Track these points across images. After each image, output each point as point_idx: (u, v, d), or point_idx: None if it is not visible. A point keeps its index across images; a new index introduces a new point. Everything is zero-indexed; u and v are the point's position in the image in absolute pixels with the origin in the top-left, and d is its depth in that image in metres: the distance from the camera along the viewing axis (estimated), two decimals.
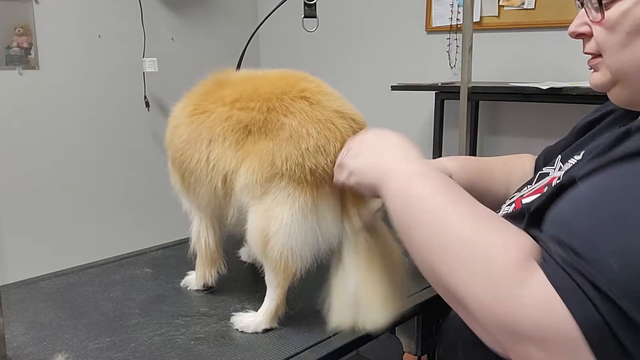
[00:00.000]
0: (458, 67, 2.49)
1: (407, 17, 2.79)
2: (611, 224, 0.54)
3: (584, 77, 2.25)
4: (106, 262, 1.24)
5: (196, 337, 0.90)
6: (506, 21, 2.51)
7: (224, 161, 0.91)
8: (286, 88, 0.90)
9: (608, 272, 0.52)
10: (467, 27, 1.91)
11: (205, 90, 0.99)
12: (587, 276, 0.53)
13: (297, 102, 0.88)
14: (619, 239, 0.53)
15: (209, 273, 1.06)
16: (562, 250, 0.55)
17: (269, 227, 0.88)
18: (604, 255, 0.53)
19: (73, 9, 2.58)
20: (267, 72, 0.99)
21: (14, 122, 2.44)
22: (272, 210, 0.87)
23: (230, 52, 3.20)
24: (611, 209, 0.55)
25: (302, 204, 0.86)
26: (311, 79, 0.94)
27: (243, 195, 0.90)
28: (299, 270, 0.90)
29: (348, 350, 0.89)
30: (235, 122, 0.90)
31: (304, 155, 0.85)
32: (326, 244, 0.89)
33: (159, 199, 2.86)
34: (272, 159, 0.86)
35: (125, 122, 2.81)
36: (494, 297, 0.56)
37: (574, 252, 0.54)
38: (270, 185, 0.87)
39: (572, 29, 0.74)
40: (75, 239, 2.66)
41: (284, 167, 0.85)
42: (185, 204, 1.07)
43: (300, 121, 0.86)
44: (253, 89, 0.93)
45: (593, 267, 0.53)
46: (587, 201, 0.58)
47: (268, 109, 0.88)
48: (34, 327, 0.94)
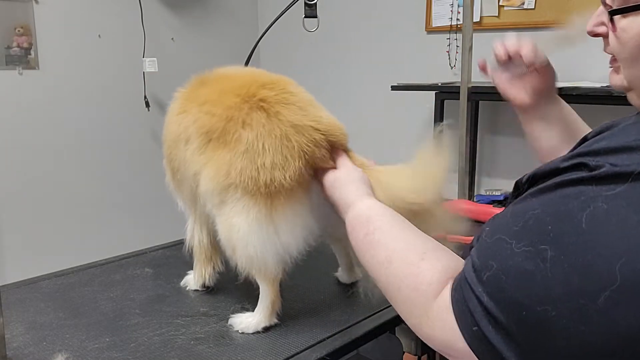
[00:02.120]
0: (458, 67, 2.49)
1: (407, 17, 2.79)
2: (503, 245, 0.57)
3: (584, 77, 2.26)
4: (106, 262, 1.24)
5: (196, 337, 0.90)
6: (506, 21, 2.51)
7: (193, 163, 0.92)
8: (246, 97, 0.89)
9: (483, 280, 0.57)
10: (467, 27, 1.91)
11: (189, 89, 1.00)
12: (470, 283, 0.58)
13: (254, 113, 0.87)
14: (499, 256, 0.56)
15: (207, 272, 1.06)
16: (467, 266, 0.60)
17: (231, 237, 0.89)
18: (486, 267, 0.57)
19: (73, 9, 2.57)
20: (239, 73, 0.99)
21: (14, 122, 2.44)
22: (231, 220, 0.88)
23: (230, 52, 3.20)
24: (506, 233, 0.57)
25: (257, 214, 0.86)
26: (275, 84, 0.92)
27: (206, 202, 0.92)
28: (270, 274, 0.90)
29: (348, 350, 0.89)
30: (199, 126, 0.91)
31: (259, 170, 0.85)
32: (287, 252, 0.89)
33: (159, 199, 2.85)
34: (227, 169, 0.86)
35: (125, 122, 2.81)
36: (412, 316, 0.66)
37: (473, 268, 0.59)
38: (227, 194, 0.87)
39: (589, 27, 0.73)
40: (75, 239, 2.66)
41: (237, 179, 0.85)
42: (179, 202, 1.08)
43: (257, 135, 0.86)
44: (219, 93, 0.92)
45: (477, 276, 0.57)
46: (502, 219, 0.61)
47: (227, 118, 0.88)
48: (34, 327, 0.94)
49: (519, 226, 0.56)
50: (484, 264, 0.57)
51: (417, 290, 0.65)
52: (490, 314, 0.55)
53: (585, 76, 2.26)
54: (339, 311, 0.99)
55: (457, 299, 0.59)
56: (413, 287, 0.65)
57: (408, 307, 0.67)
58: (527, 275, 0.53)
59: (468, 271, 0.59)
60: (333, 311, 0.99)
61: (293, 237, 0.88)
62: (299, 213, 0.88)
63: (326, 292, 1.07)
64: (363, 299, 0.89)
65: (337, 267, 1.12)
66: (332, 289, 1.09)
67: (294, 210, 0.88)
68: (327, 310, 0.99)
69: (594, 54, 2.47)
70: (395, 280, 0.69)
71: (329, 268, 1.13)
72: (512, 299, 0.54)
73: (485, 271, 0.57)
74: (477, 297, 0.57)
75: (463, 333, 0.58)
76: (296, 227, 0.88)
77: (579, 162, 0.56)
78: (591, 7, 0.74)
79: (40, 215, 2.56)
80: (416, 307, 0.65)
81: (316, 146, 0.87)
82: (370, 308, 0.99)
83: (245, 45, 3.34)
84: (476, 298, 0.57)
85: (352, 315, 0.97)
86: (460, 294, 0.59)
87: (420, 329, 0.64)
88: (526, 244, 0.54)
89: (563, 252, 0.52)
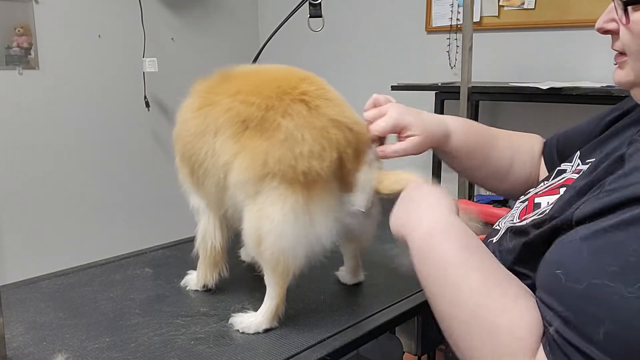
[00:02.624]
0: (458, 67, 2.49)
1: (407, 17, 2.79)
2: (602, 290, 0.51)
3: (584, 77, 2.26)
4: (106, 262, 1.24)
5: (196, 337, 0.90)
6: (506, 21, 2.51)
7: (225, 153, 0.91)
8: (287, 88, 0.90)
9: (595, 339, 0.51)
10: (467, 27, 1.91)
11: (211, 84, 0.99)
12: (578, 346, 0.52)
13: (296, 105, 0.88)
14: (606, 305, 0.51)
15: (211, 275, 1.05)
16: (556, 321, 0.55)
17: (262, 227, 0.87)
18: (592, 322, 0.51)
19: (73, 9, 2.58)
20: (271, 68, 0.99)
21: (14, 122, 2.44)
22: (264, 210, 0.87)
23: (230, 52, 3.20)
24: (601, 275, 0.52)
25: (294, 204, 0.85)
26: (313, 80, 0.94)
27: (237, 192, 0.90)
28: (294, 269, 0.90)
29: (348, 350, 0.89)
30: (235, 114, 0.90)
31: (297, 159, 0.84)
32: (319, 244, 0.88)
33: (159, 199, 2.86)
34: (264, 158, 0.85)
35: (125, 122, 2.81)
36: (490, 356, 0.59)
37: (565, 322, 0.54)
38: (262, 184, 0.86)
39: (599, 24, 0.72)
40: (75, 239, 2.66)
41: (275, 168, 0.85)
42: (193, 201, 1.06)
43: (297, 125, 0.86)
44: (255, 84, 0.93)
45: (581, 336, 0.52)
46: (577, 258, 0.55)
47: (267, 107, 0.88)
48: (34, 327, 0.94)
49: (617, 266, 0.50)
50: (588, 317, 0.51)
51: (511, 334, 0.58)
52: None
53: (585, 76, 2.26)
54: (339, 311, 0.99)
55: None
56: (507, 327, 0.59)
57: (494, 352, 0.59)
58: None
59: (561, 329, 0.54)
60: (333, 311, 0.99)
61: (326, 228, 0.88)
62: (333, 205, 0.88)
63: (326, 292, 1.07)
64: (369, 296, 0.89)
65: (337, 267, 1.12)
66: (332, 289, 1.09)
67: (329, 202, 0.88)
68: (327, 311, 0.99)
69: (594, 54, 2.48)
70: (485, 313, 0.61)
71: (330, 268, 1.12)
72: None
73: (594, 326, 0.50)
74: (589, 356, 0.51)
75: None
76: (329, 219, 0.88)
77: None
78: (591, 7, 0.74)
79: (40, 215, 2.57)
80: (507, 355, 0.58)
81: (348, 144, 0.89)
82: (371, 308, 0.99)
83: (245, 45, 3.35)
84: (586, 357, 0.51)
85: (352, 316, 0.97)
86: (561, 355, 0.53)
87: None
88: (636, 280, 0.48)
89: None
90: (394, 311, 0.99)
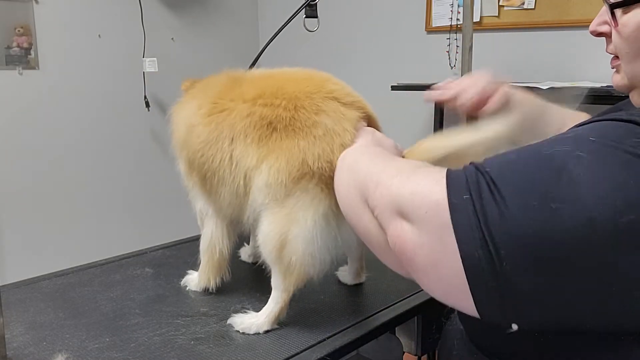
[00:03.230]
0: (458, 67, 2.49)
1: (407, 17, 2.79)
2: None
3: (584, 77, 2.26)
4: (106, 262, 1.24)
5: (196, 337, 0.90)
6: (506, 21, 2.51)
7: (246, 158, 0.89)
8: (314, 88, 0.89)
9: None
10: (467, 27, 1.91)
11: (221, 88, 0.97)
12: (481, 170, 0.56)
13: (328, 102, 0.88)
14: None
15: (214, 279, 1.05)
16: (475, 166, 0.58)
17: (288, 232, 0.85)
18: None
19: (73, 9, 2.58)
20: (286, 71, 0.98)
21: (14, 122, 2.44)
22: (294, 214, 0.85)
23: (230, 52, 3.20)
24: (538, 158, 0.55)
25: (327, 208, 0.84)
26: (336, 81, 0.94)
27: (261, 195, 0.88)
28: (316, 274, 0.89)
29: (348, 350, 0.89)
30: (258, 118, 0.88)
31: (334, 152, 0.84)
32: (345, 246, 0.88)
33: (159, 199, 2.86)
34: (303, 157, 0.84)
35: (125, 122, 2.81)
36: (392, 180, 0.64)
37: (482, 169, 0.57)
38: (297, 186, 0.85)
39: (592, 27, 0.73)
40: (75, 239, 2.66)
41: (315, 166, 0.83)
42: (200, 207, 1.04)
43: (335, 120, 0.86)
44: (276, 87, 0.91)
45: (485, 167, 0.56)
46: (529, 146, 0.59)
47: (296, 107, 0.87)
48: (34, 327, 0.94)
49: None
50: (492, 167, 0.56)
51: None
52: (495, 186, 0.54)
53: (585, 76, 2.26)
54: (339, 311, 0.99)
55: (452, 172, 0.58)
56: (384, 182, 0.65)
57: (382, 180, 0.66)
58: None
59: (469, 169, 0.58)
60: (333, 311, 0.99)
61: (352, 235, 0.86)
62: None
63: (326, 292, 1.07)
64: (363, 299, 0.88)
65: (337, 267, 1.12)
66: (332, 289, 1.09)
67: None
68: (327, 311, 0.99)
69: (594, 54, 2.47)
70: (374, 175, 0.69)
71: (329, 268, 1.12)
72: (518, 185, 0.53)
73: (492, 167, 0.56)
74: (481, 172, 0.56)
75: (449, 189, 0.56)
76: None
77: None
78: (591, 7, 0.74)
79: (40, 215, 2.56)
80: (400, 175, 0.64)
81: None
82: (371, 308, 0.99)
83: (245, 46, 3.35)
84: (479, 172, 0.56)
85: (352, 316, 0.97)
86: (457, 172, 0.58)
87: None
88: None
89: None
90: (394, 311, 0.99)
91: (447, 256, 0.55)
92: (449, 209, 0.55)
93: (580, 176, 0.51)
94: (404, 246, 0.60)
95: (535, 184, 0.53)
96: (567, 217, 0.50)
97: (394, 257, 0.64)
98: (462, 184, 0.56)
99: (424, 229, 0.57)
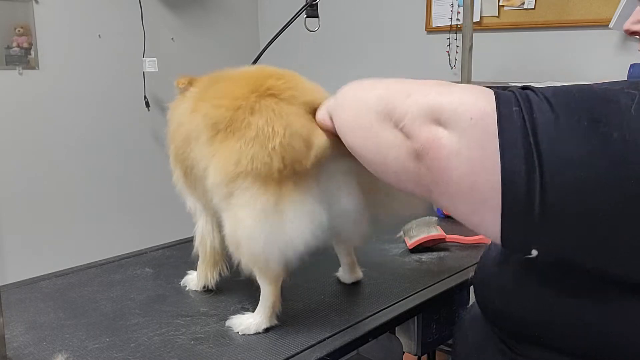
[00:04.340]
0: (458, 67, 2.49)
1: (407, 17, 2.79)
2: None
3: (584, 77, 2.26)
4: (106, 262, 1.24)
5: (196, 337, 0.90)
6: (506, 21, 2.51)
7: (203, 157, 0.91)
8: (254, 86, 0.89)
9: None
10: (467, 27, 1.91)
11: (201, 89, 1.00)
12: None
13: (264, 100, 0.87)
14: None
15: (211, 275, 1.05)
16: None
17: (237, 232, 0.87)
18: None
19: (73, 9, 2.58)
20: (245, 70, 0.99)
21: (14, 122, 2.44)
22: (237, 214, 0.86)
23: (230, 52, 3.20)
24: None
25: (264, 204, 0.84)
26: (280, 75, 0.92)
27: (214, 195, 0.90)
28: (275, 271, 0.89)
29: (348, 350, 0.89)
30: (208, 119, 0.90)
31: (271, 155, 0.83)
32: (292, 247, 0.86)
33: (159, 199, 2.86)
34: (237, 157, 0.84)
35: (125, 122, 2.81)
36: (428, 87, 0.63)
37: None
38: (235, 185, 0.85)
39: (626, 26, 0.73)
40: (75, 239, 2.66)
41: (249, 167, 0.83)
42: (189, 202, 1.06)
43: (267, 119, 0.85)
44: (227, 87, 0.93)
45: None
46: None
47: (234, 108, 0.87)
48: (34, 327, 0.94)
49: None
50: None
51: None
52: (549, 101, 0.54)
53: (585, 76, 2.26)
54: (339, 311, 0.99)
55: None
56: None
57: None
58: None
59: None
60: (333, 311, 0.99)
61: (300, 229, 0.85)
62: (307, 201, 0.86)
63: (326, 292, 1.07)
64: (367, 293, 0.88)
65: (337, 267, 1.12)
66: (332, 289, 1.09)
67: (302, 198, 0.85)
68: (327, 311, 0.99)
69: (594, 54, 2.47)
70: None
71: (329, 268, 1.13)
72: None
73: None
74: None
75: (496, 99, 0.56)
76: (304, 217, 0.85)
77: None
78: (591, 7, 0.74)
79: (40, 215, 2.57)
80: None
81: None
82: (371, 308, 0.99)
83: (245, 46, 3.34)
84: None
85: (352, 315, 0.97)
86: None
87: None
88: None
89: None
90: (394, 311, 0.99)
91: (485, 166, 0.53)
92: (497, 117, 0.53)
93: (628, 105, 0.51)
94: (438, 151, 0.57)
95: (587, 107, 0.52)
96: (615, 142, 0.50)
97: (411, 174, 0.62)
98: (512, 99, 0.55)
99: (466, 136, 0.55)
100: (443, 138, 0.57)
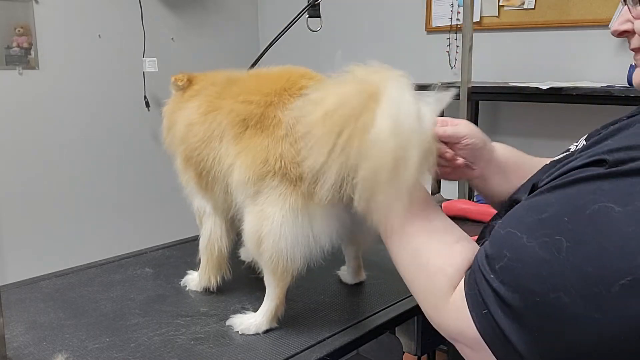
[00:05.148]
0: (458, 67, 2.49)
1: (407, 17, 2.79)
2: (512, 236, 0.58)
3: (584, 77, 2.26)
4: (106, 262, 1.24)
5: (196, 337, 0.90)
6: (506, 21, 2.51)
7: (228, 155, 0.90)
8: (286, 85, 0.89)
9: (496, 270, 0.58)
10: (467, 27, 1.91)
11: (219, 89, 0.99)
12: (484, 273, 0.59)
13: (295, 99, 0.87)
14: (511, 248, 0.58)
15: (214, 278, 1.05)
16: (480, 255, 0.62)
17: (262, 228, 0.86)
18: (498, 257, 0.58)
19: (73, 9, 2.58)
20: (275, 69, 0.99)
21: (14, 122, 2.44)
22: (264, 211, 0.86)
23: (230, 52, 3.20)
24: (518, 226, 0.58)
25: (293, 203, 0.84)
26: (312, 76, 0.93)
27: (238, 193, 0.89)
28: (292, 271, 0.89)
29: (348, 350, 0.89)
30: (235, 115, 0.89)
31: (299, 154, 0.83)
32: (318, 245, 0.87)
33: (159, 198, 2.86)
34: (265, 156, 0.84)
35: (125, 122, 2.81)
36: (431, 308, 0.68)
37: (486, 257, 0.60)
38: (263, 183, 0.85)
39: (614, 27, 0.73)
40: (75, 239, 2.66)
41: (276, 166, 0.84)
42: (198, 204, 1.05)
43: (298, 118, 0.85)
44: (256, 84, 0.93)
45: (490, 266, 0.59)
46: (516, 212, 0.62)
47: (266, 104, 0.87)
48: (34, 327, 0.94)
49: (533, 219, 0.57)
50: (497, 253, 0.59)
51: (442, 273, 0.66)
52: (502, 299, 0.56)
53: (585, 76, 2.26)
54: (339, 311, 0.99)
55: (470, 286, 0.61)
56: (440, 267, 0.67)
57: (430, 290, 0.68)
58: (542, 263, 0.54)
59: (481, 260, 0.61)
60: (333, 311, 0.99)
61: (326, 228, 0.86)
62: (335, 203, 0.84)
63: (326, 292, 1.07)
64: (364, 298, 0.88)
65: (338, 267, 1.12)
66: (332, 289, 1.09)
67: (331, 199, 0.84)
68: (327, 310, 0.99)
69: (594, 54, 2.47)
70: (422, 255, 0.70)
71: (330, 268, 1.13)
72: (525, 286, 0.55)
73: (499, 260, 0.58)
74: (489, 283, 0.58)
75: (473, 317, 0.59)
76: (332, 218, 0.86)
77: (598, 159, 0.57)
78: (591, 7, 0.74)
79: (40, 215, 2.57)
80: (438, 290, 0.67)
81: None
82: (371, 308, 0.99)
83: (245, 46, 3.35)
84: (488, 284, 0.58)
85: (352, 315, 0.97)
86: (473, 281, 0.61)
87: (437, 315, 0.66)
88: (541, 234, 0.55)
89: (579, 243, 0.52)
90: (394, 311, 0.99)
91: None
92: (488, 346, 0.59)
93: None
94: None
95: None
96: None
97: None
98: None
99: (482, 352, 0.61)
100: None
